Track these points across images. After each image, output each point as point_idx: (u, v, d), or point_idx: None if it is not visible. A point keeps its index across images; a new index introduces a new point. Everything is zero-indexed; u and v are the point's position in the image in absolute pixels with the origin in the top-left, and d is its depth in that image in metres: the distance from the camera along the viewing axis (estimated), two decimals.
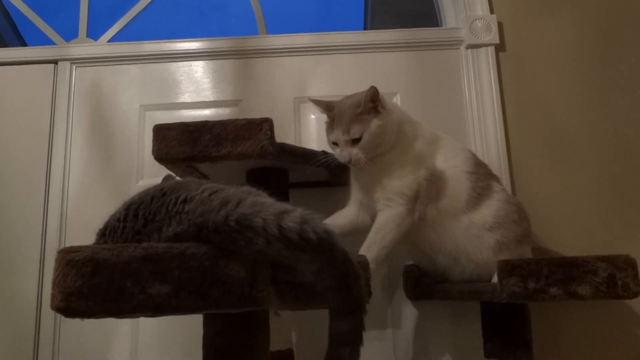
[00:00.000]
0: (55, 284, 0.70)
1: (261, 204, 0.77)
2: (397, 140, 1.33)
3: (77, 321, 1.57)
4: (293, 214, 0.76)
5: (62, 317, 1.56)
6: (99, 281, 0.70)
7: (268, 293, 0.76)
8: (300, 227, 0.74)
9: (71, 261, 0.71)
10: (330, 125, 1.33)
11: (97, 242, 0.86)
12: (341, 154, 1.30)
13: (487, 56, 1.78)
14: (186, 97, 1.81)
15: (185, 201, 0.81)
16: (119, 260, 0.72)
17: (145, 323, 1.61)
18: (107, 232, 0.86)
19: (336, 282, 0.77)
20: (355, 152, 1.28)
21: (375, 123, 1.27)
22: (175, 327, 1.59)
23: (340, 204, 1.68)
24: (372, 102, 1.28)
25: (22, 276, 1.65)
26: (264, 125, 1.23)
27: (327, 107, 1.34)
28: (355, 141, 1.27)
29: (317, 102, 1.37)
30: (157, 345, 1.61)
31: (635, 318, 1.59)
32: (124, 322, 1.61)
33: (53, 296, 0.70)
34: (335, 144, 1.33)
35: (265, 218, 0.74)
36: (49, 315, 1.62)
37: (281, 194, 1.38)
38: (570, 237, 1.64)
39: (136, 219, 0.83)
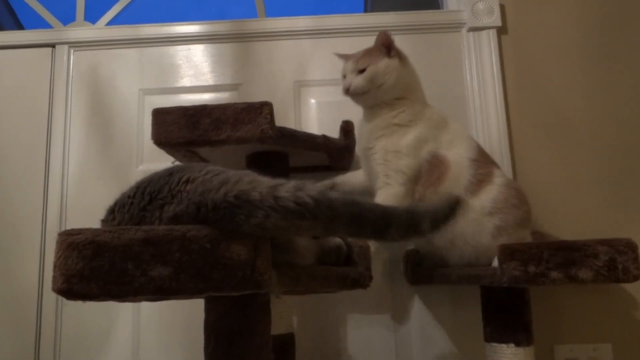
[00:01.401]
0: (56, 266, 0.70)
1: (258, 181, 0.79)
2: (404, 105, 1.37)
3: (78, 306, 1.60)
4: (287, 185, 0.77)
5: (64, 302, 1.60)
6: (100, 264, 0.70)
7: (269, 276, 0.76)
8: (294, 194, 0.75)
9: (72, 244, 0.71)
10: (345, 63, 1.43)
11: (106, 218, 0.87)
12: (345, 82, 1.40)
13: (488, 39, 1.76)
14: (185, 81, 1.80)
15: (187, 181, 0.82)
16: (119, 243, 0.71)
17: (147, 307, 1.62)
18: (117, 209, 0.87)
19: (350, 228, 0.80)
20: (357, 80, 1.36)
21: (384, 61, 1.36)
22: (177, 312, 1.60)
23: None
24: (385, 46, 1.37)
25: (23, 261, 1.65)
26: (264, 109, 1.23)
27: (346, 56, 1.45)
28: (361, 73, 1.36)
29: (341, 55, 1.48)
30: (158, 331, 1.62)
31: (635, 301, 1.60)
32: (126, 306, 1.62)
33: (54, 278, 0.70)
34: (344, 77, 1.42)
35: (261, 191, 0.75)
36: (50, 300, 1.63)
37: (282, 178, 1.39)
38: (571, 222, 1.64)
39: (143, 196, 0.84)
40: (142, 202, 0.83)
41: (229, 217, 0.74)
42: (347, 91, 1.38)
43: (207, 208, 0.76)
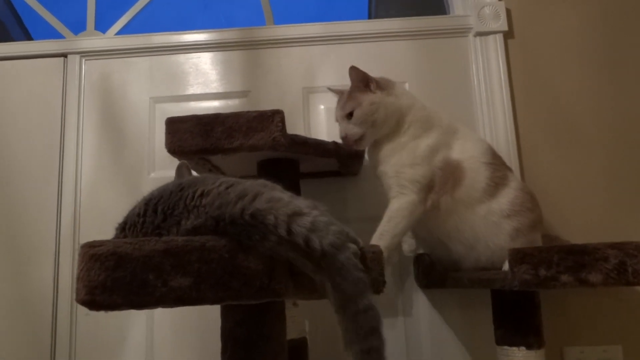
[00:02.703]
0: (79, 278, 0.72)
1: (277, 200, 0.78)
2: (407, 124, 1.35)
3: (92, 314, 1.61)
4: (305, 218, 0.75)
5: (78, 307, 1.62)
6: (122, 274, 0.72)
7: (286, 284, 0.78)
8: (307, 234, 0.73)
9: (94, 255, 0.73)
10: (336, 106, 1.42)
11: (117, 236, 0.88)
12: (339, 130, 1.38)
13: (495, 43, 1.77)
14: (195, 89, 1.82)
15: (202, 195, 0.82)
16: (140, 254, 0.73)
17: (161, 313, 1.64)
18: (127, 227, 0.87)
19: (336, 302, 0.75)
20: (350, 127, 1.34)
21: (367, 100, 1.33)
22: (190, 316, 1.62)
23: (350, 194, 1.70)
24: (362, 82, 1.35)
25: (38, 267, 1.68)
26: (276, 117, 1.25)
27: (340, 93, 1.43)
28: (350, 115, 1.34)
29: (334, 91, 1.46)
30: (172, 335, 1.64)
31: None
32: (140, 314, 1.64)
33: (78, 290, 0.72)
34: (337, 121, 1.41)
35: (277, 217, 0.74)
36: (65, 305, 1.66)
37: (292, 185, 1.41)
38: (580, 224, 1.65)
39: (155, 213, 0.84)
40: (155, 219, 0.84)
41: (245, 235, 0.76)
42: (347, 141, 1.36)
43: (225, 222, 0.77)
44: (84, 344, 1.64)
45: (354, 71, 1.34)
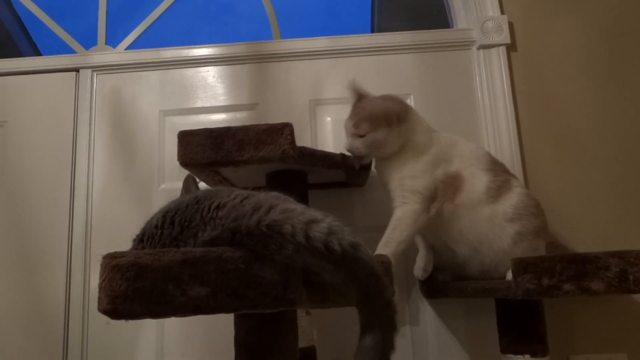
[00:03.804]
0: (101, 288, 0.75)
1: (291, 211, 0.80)
2: (407, 147, 1.41)
3: (104, 319, 1.64)
4: (321, 224, 0.77)
5: (90, 316, 1.65)
6: (142, 284, 0.75)
7: (300, 294, 0.80)
8: (325, 238, 0.75)
9: (116, 266, 0.75)
10: (350, 113, 1.44)
11: (135, 248, 0.91)
12: (346, 142, 1.42)
13: (498, 56, 1.81)
14: (204, 102, 1.86)
15: (218, 207, 0.85)
16: (160, 265, 0.76)
17: (171, 322, 1.66)
18: (145, 239, 0.90)
19: (360, 296, 0.78)
20: (357, 144, 1.39)
21: (382, 133, 1.38)
22: (200, 324, 1.65)
23: (357, 204, 1.73)
24: (386, 119, 1.38)
25: (50, 277, 1.72)
26: (285, 130, 1.28)
27: (357, 96, 1.45)
28: (361, 137, 1.38)
29: (353, 89, 1.46)
30: (182, 343, 1.66)
31: None
32: (150, 322, 1.67)
33: (100, 299, 0.75)
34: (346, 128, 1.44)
35: (294, 225, 0.77)
36: (77, 314, 1.69)
37: (300, 196, 1.43)
38: (582, 233, 1.67)
39: (172, 226, 0.87)
40: (173, 231, 0.86)
41: (261, 245, 0.78)
42: (349, 152, 1.42)
43: (241, 234, 0.79)
44: (96, 353, 1.67)
45: (394, 112, 1.39)
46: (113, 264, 0.76)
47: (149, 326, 1.67)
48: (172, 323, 1.67)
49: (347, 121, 1.43)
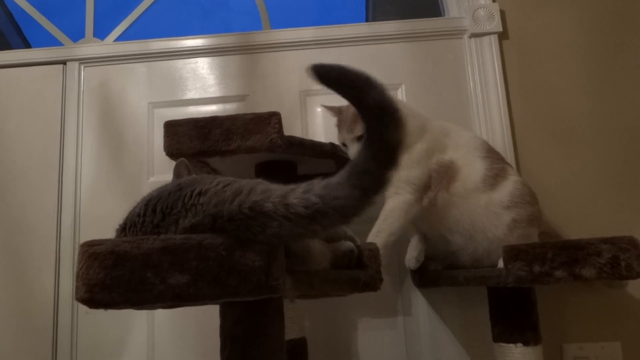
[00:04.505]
0: (78, 276, 0.73)
1: (270, 190, 0.80)
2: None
3: (94, 314, 1.63)
4: (296, 190, 0.77)
5: (79, 310, 1.64)
6: (120, 273, 0.73)
7: (283, 281, 0.79)
8: (302, 198, 0.75)
9: (93, 254, 0.74)
10: (338, 128, 1.44)
11: (118, 237, 0.89)
12: (349, 152, 1.41)
13: (490, 45, 1.79)
14: (193, 94, 1.84)
15: (200, 194, 0.83)
16: (139, 252, 0.74)
17: (161, 314, 1.65)
18: (127, 227, 0.88)
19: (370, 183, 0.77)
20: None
21: None
22: (191, 318, 1.63)
23: None
24: None
25: (38, 271, 1.70)
26: (272, 119, 1.26)
27: (337, 111, 1.45)
28: (360, 138, 1.36)
29: (328, 108, 1.48)
30: (173, 338, 1.65)
31: None
32: (140, 314, 1.65)
33: (77, 288, 0.73)
34: (344, 145, 1.43)
35: (273, 201, 0.76)
36: (66, 309, 1.67)
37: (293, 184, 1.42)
38: (576, 221, 1.66)
39: (154, 213, 0.85)
40: (154, 219, 0.84)
41: (244, 228, 0.76)
42: None
43: (223, 219, 0.78)
44: (85, 348, 1.65)
45: None
46: (90, 252, 0.74)
47: (139, 321, 1.66)
48: (162, 318, 1.66)
49: (340, 135, 1.43)
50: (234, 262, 0.77)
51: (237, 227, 0.77)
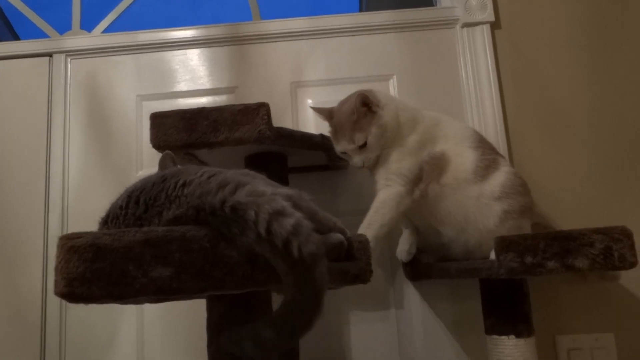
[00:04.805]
0: (57, 270, 0.71)
1: (259, 194, 0.75)
2: (397, 127, 1.36)
3: (82, 310, 1.61)
4: (288, 219, 0.72)
5: (68, 306, 1.61)
6: (101, 266, 0.71)
7: (269, 273, 0.77)
8: (287, 237, 0.70)
9: (73, 247, 0.72)
10: (335, 136, 1.38)
11: (100, 229, 0.87)
12: (353, 161, 1.36)
13: (482, 34, 1.77)
14: (182, 86, 1.81)
15: (184, 185, 0.81)
16: (120, 245, 0.72)
17: (151, 310, 1.63)
18: (110, 220, 0.86)
19: (291, 306, 0.73)
20: (365, 156, 1.34)
21: (374, 126, 1.32)
22: (181, 313, 1.61)
23: (340, 187, 1.70)
24: (365, 106, 1.32)
25: (26, 267, 1.67)
26: (261, 110, 1.24)
27: (327, 115, 1.40)
28: (362, 147, 1.33)
29: (318, 110, 1.43)
30: (163, 332, 1.63)
31: (637, 289, 1.61)
32: (130, 309, 1.63)
33: (56, 282, 0.71)
34: (344, 153, 1.38)
35: (258, 213, 0.71)
36: (54, 305, 1.64)
37: (280, 179, 1.40)
38: (568, 212, 1.65)
39: (137, 205, 0.83)
40: (137, 211, 0.82)
41: (225, 227, 0.74)
42: (362, 166, 1.36)
43: (205, 212, 0.76)
44: (74, 345, 1.63)
45: (360, 98, 1.30)
46: (70, 245, 0.72)
47: (129, 316, 1.64)
48: (152, 313, 1.64)
49: (340, 146, 1.36)
50: (218, 255, 0.75)
51: (218, 224, 0.75)
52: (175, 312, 1.62)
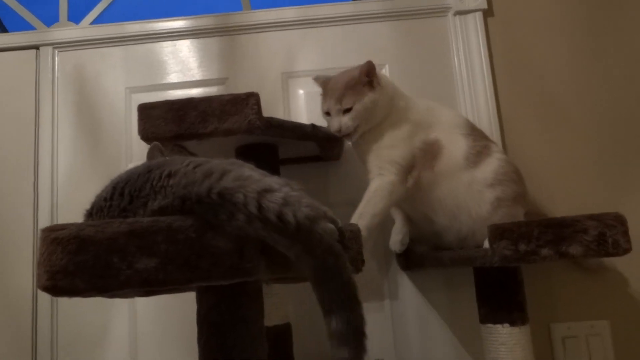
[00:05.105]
0: (40, 263, 0.69)
1: (245, 178, 0.75)
2: (389, 114, 1.35)
3: (74, 305, 1.59)
4: (276, 193, 0.73)
5: (59, 301, 1.59)
6: (84, 258, 0.69)
7: (258, 263, 0.76)
8: (279, 209, 0.71)
9: (56, 239, 0.70)
10: (324, 97, 1.37)
11: (85, 222, 0.85)
12: (332, 122, 1.34)
13: (475, 22, 1.75)
14: (172, 78, 1.79)
15: (169, 175, 0.80)
16: (104, 237, 0.71)
17: (143, 304, 1.62)
18: (94, 212, 0.85)
19: (315, 274, 0.73)
20: (345, 120, 1.32)
21: (369, 96, 1.31)
22: (174, 307, 1.60)
23: (332, 178, 1.69)
24: (368, 77, 1.31)
25: (16, 263, 1.65)
26: (250, 100, 1.22)
27: (324, 81, 1.38)
28: (347, 111, 1.31)
29: (317, 79, 1.41)
30: (155, 326, 1.62)
31: (631, 276, 1.60)
32: (121, 303, 1.62)
33: (39, 275, 0.70)
34: (327, 114, 1.36)
35: (246, 194, 0.72)
36: (45, 300, 1.63)
37: (272, 170, 1.38)
38: (562, 200, 1.64)
39: (122, 196, 0.82)
40: (122, 202, 0.81)
41: (212, 214, 0.73)
42: (341, 133, 1.34)
43: (191, 201, 0.74)
44: (66, 340, 1.62)
45: (368, 65, 1.30)
46: (52, 237, 0.70)
47: (120, 312, 1.63)
48: (144, 308, 1.62)
49: (326, 104, 1.35)
50: (205, 245, 0.74)
51: (205, 211, 0.74)
52: (167, 306, 1.60)
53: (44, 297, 1.63)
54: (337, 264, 0.74)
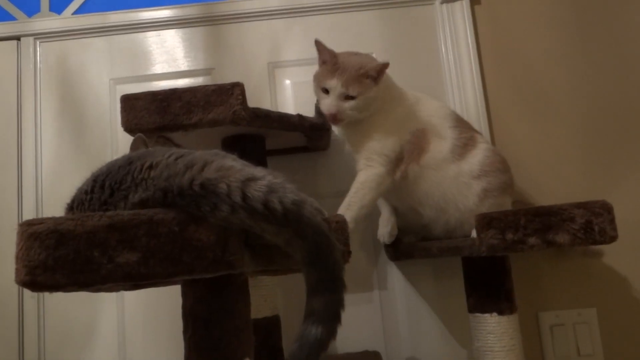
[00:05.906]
0: (18, 258, 0.68)
1: (227, 169, 0.74)
2: (382, 106, 1.33)
3: (61, 300, 1.57)
4: (260, 182, 0.72)
5: (45, 296, 1.57)
6: (64, 253, 0.68)
7: (241, 256, 0.75)
8: (265, 197, 0.70)
9: (34, 234, 0.68)
10: (327, 71, 1.29)
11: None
12: (327, 102, 1.28)
13: (462, 10, 1.74)
14: (157, 68, 1.76)
15: (151, 167, 0.78)
16: (83, 230, 0.69)
17: (132, 300, 1.60)
18: (75, 206, 0.83)
19: (307, 256, 0.74)
20: (345, 107, 1.28)
21: (374, 91, 1.28)
22: (162, 302, 1.59)
23: (320, 169, 1.67)
24: (378, 75, 1.28)
25: (1, 258, 1.62)
26: (235, 90, 1.21)
27: (330, 53, 1.30)
28: (348, 98, 1.27)
29: (322, 48, 1.32)
30: (143, 321, 1.61)
31: (618, 263, 1.61)
32: (109, 298, 1.60)
33: (17, 271, 0.68)
34: (325, 91, 1.29)
35: (229, 184, 0.71)
36: (31, 297, 1.60)
37: (258, 161, 1.37)
38: (550, 188, 1.64)
39: (103, 189, 0.80)
40: (102, 195, 0.79)
41: (194, 206, 0.72)
42: (334, 118, 1.29)
43: (173, 193, 0.73)
44: (54, 335, 1.60)
45: (383, 66, 1.28)
46: (30, 232, 0.69)
47: (108, 306, 1.61)
48: (133, 302, 1.61)
49: (329, 81, 1.27)
50: (187, 238, 0.72)
51: (187, 204, 0.72)
52: (156, 300, 1.59)
53: (30, 293, 1.60)
54: (327, 242, 0.74)
